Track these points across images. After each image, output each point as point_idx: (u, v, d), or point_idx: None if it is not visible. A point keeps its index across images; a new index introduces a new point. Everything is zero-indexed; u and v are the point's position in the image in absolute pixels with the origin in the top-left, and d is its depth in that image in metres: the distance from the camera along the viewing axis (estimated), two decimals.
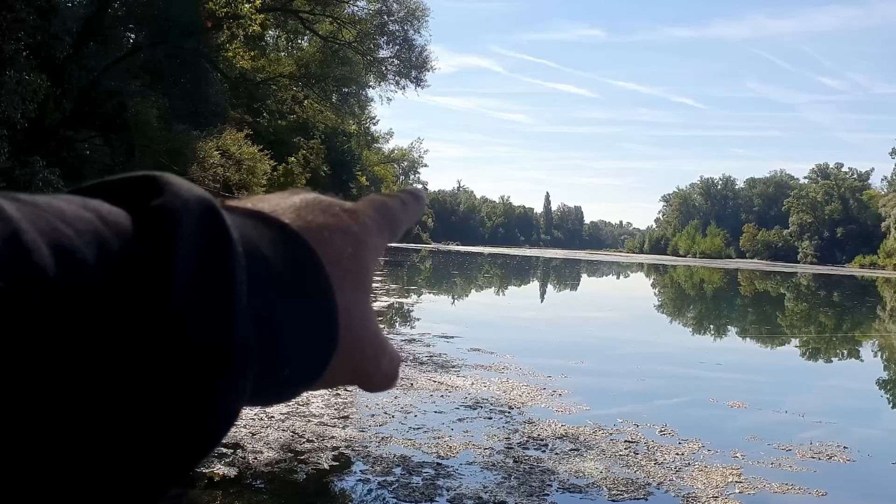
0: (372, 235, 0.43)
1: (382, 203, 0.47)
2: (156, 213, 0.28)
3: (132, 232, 0.27)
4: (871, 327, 22.84)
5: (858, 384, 12.16)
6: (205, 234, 0.29)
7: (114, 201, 0.29)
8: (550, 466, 5.85)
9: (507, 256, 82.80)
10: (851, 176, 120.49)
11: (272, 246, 0.34)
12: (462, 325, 15.56)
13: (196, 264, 0.28)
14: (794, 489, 5.66)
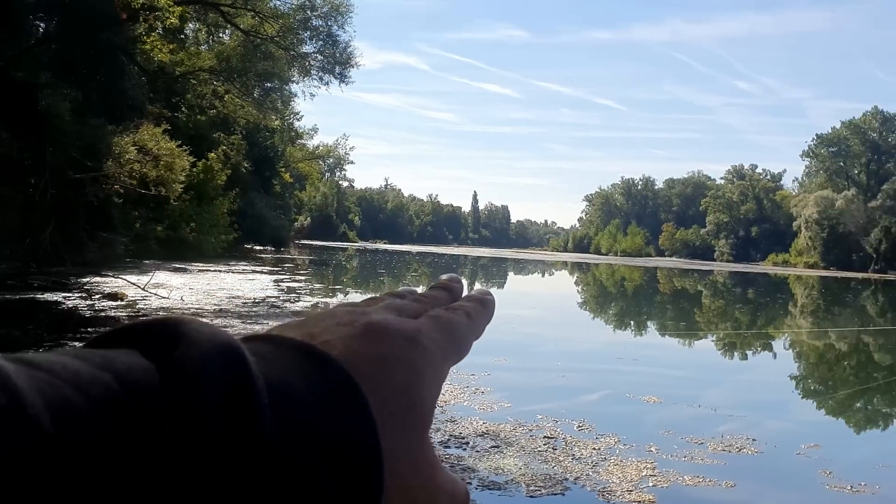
0: (434, 364, 0.37)
1: (448, 322, 0.41)
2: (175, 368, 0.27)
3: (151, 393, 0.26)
4: (783, 323, 23.80)
5: (769, 378, 12.63)
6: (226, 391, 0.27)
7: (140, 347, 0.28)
8: (471, 464, 5.85)
9: (435, 255, 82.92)
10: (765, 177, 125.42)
11: (310, 387, 0.30)
12: None
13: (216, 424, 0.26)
14: (705, 481, 5.82)
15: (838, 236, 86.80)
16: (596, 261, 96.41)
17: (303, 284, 24.57)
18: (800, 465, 6.56)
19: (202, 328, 0.28)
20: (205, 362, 0.27)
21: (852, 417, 9.43)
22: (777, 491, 5.88)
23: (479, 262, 68.91)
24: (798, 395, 11.12)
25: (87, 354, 0.26)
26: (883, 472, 6.41)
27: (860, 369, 14.05)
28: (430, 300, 0.45)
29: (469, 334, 0.43)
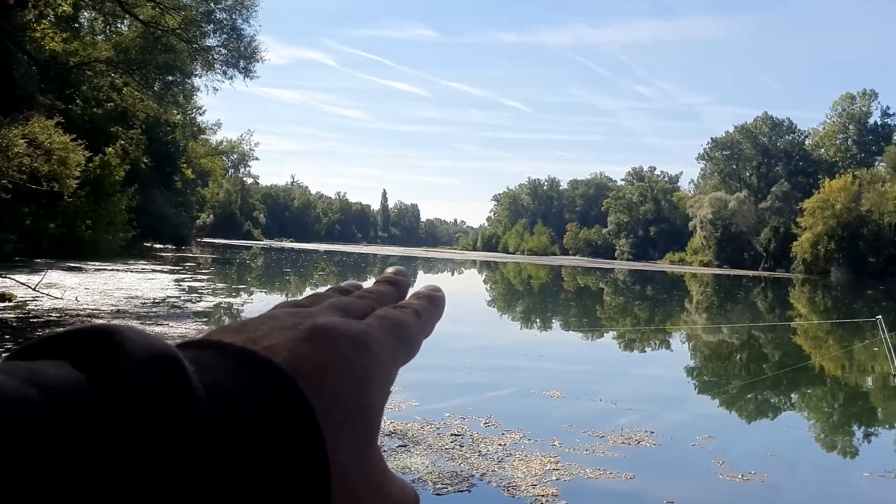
0: (383, 368, 0.36)
1: (396, 322, 0.39)
2: (108, 380, 0.25)
3: (82, 408, 0.24)
4: (680, 319, 24.79)
5: (667, 372, 13.12)
6: (163, 404, 0.25)
7: (70, 357, 0.26)
8: None
9: (343, 254, 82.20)
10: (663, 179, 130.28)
11: (253, 396, 0.29)
12: None
13: (153, 439, 0.25)
14: (606, 474, 5.99)
15: (731, 236, 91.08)
16: (504, 259, 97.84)
17: (205, 284, 23.90)
18: (695, 455, 6.84)
19: (137, 336, 0.27)
20: (140, 373, 0.26)
21: (744, 409, 9.91)
22: (674, 481, 6.11)
23: (389, 261, 68.74)
24: (694, 389, 11.60)
25: (9, 367, 0.25)
26: (771, 461, 6.75)
27: (751, 363, 14.78)
28: (377, 296, 0.43)
29: (419, 334, 0.41)
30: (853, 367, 14.13)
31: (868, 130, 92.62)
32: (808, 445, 7.89)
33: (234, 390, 0.28)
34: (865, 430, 8.98)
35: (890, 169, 75.21)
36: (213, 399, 0.27)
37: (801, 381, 12.26)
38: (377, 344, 0.36)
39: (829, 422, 9.38)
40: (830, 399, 11.08)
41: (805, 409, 10.30)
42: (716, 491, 5.86)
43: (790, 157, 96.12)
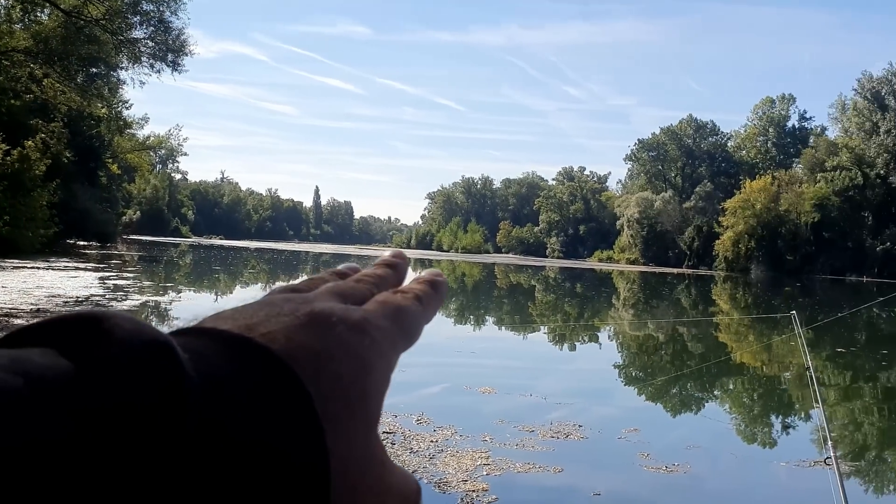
0: (383, 356, 0.34)
1: (396, 308, 0.38)
2: (97, 369, 0.24)
3: (69, 398, 0.23)
4: (608, 315, 25.34)
5: (595, 367, 13.43)
6: (154, 393, 0.24)
7: (56, 345, 0.25)
8: None
9: (275, 251, 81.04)
10: (592, 179, 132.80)
11: (248, 385, 0.28)
12: None
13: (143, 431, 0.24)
14: (535, 467, 6.10)
15: (656, 234, 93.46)
16: (438, 257, 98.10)
17: (131, 282, 23.25)
18: (621, 448, 7.03)
19: (127, 323, 0.26)
20: (130, 363, 0.25)
21: (668, 402, 10.22)
22: (601, 474, 6.27)
23: (321, 259, 68.13)
24: (620, 383, 11.89)
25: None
26: (693, 453, 6.99)
27: (675, 357, 15.24)
28: (375, 280, 0.42)
29: (420, 320, 0.40)
30: (771, 361, 14.72)
31: (786, 133, 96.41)
32: (728, 437, 8.20)
33: (230, 379, 0.28)
34: (783, 422, 9.38)
35: (806, 170, 78.46)
36: (207, 388, 0.26)
37: (723, 374, 12.71)
38: (377, 330, 0.35)
39: (749, 414, 9.76)
40: (749, 392, 11.53)
41: (726, 401, 10.69)
42: (641, 482, 6.04)
43: (713, 158, 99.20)
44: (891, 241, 68.37)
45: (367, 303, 0.38)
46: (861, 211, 72.27)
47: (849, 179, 72.24)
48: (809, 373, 4.54)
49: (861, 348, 17.39)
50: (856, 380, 12.88)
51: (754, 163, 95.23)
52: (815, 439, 8.15)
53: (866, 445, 8.15)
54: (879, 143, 75.87)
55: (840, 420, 9.28)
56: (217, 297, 23.27)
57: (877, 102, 78.18)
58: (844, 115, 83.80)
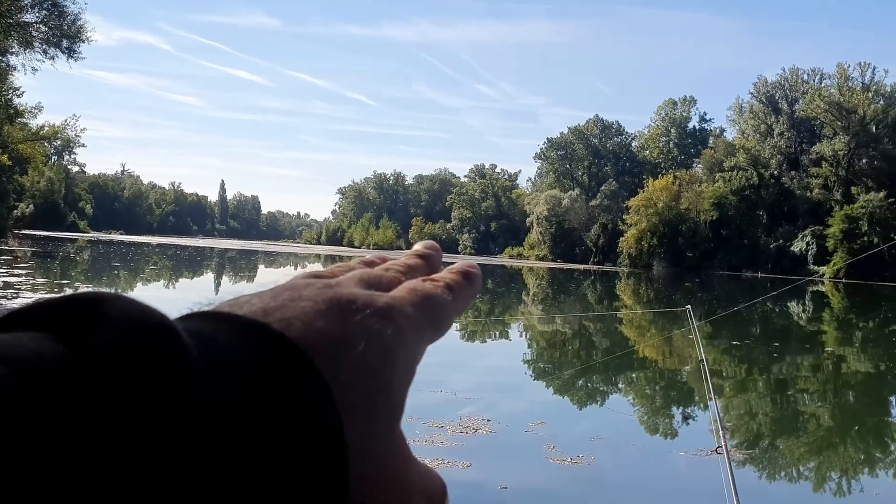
0: (407, 345, 0.32)
1: (426, 296, 0.35)
2: (93, 356, 0.22)
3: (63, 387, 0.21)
4: (518, 311, 25.72)
5: (504, 362, 13.58)
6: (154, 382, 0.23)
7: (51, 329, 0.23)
8: None
9: (178, 247, 78.55)
10: (503, 176, 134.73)
11: (260, 373, 0.26)
12: None
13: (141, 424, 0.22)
14: (444, 463, 6.10)
15: (564, 232, 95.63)
16: (349, 253, 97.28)
17: (23, 279, 22.04)
18: (528, 441, 7.12)
19: (127, 305, 0.25)
20: (128, 348, 0.23)
21: (574, 395, 10.44)
22: (508, 467, 6.33)
23: (227, 255, 66.49)
24: (529, 377, 12.08)
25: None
26: (597, 444, 7.16)
27: (581, 350, 15.60)
28: (405, 270, 0.40)
29: (450, 311, 0.37)
30: (672, 355, 15.26)
31: (687, 134, 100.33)
32: (630, 428, 8.43)
33: (240, 365, 0.26)
34: (681, 413, 9.72)
35: (706, 170, 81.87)
36: (213, 375, 0.25)
37: (626, 367, 13.08)
38: (403, 318, 0.33)
39: (650, 406, 10.07)
40: (651, 384, 11.91)
41: (628, 394, 11.00)
42: (547, 475, 6.13)
43: (618, 157, 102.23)
44: (783, 239, 72.16)
45: (395, 289, 0.35)
46: (756, 210, 75.98)
47: (745, 179, 75.82)
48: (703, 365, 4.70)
49: (754, 341, 18.25)
50: (749, 371, 13.50)
51: (657, 162, 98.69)
52: (711, 430, 8.48)
53: (759, 434, 8.54)
54: (773, 145, 79.95)
55: (735, 410, 9.70)
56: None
57: (771, 106, 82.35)
58: (741, 117, 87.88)
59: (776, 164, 78.49)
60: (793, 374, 13.42)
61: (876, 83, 74.70)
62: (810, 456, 7.69)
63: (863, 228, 63.69)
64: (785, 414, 9.94)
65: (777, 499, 6.14)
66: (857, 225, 63.95)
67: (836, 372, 14.09)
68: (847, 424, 9.42)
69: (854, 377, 13.50)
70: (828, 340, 20.37)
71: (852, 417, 9.94)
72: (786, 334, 21.25)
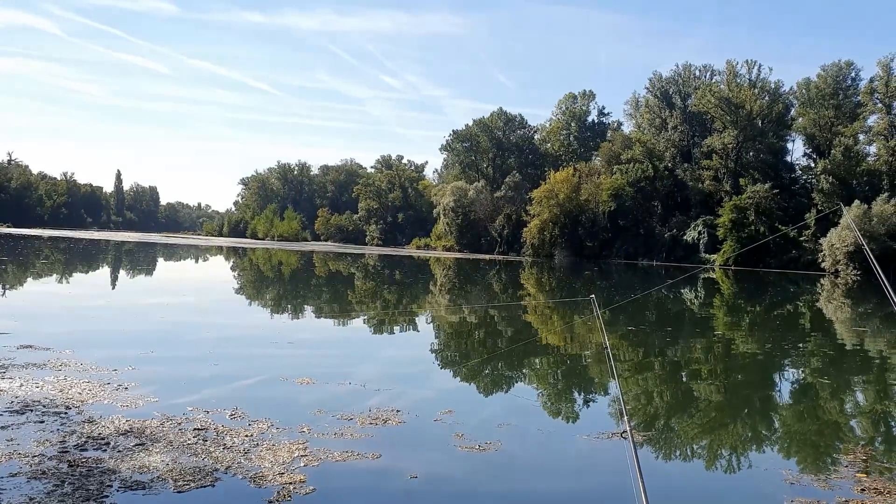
0: None
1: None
2: None
3: None
4: (425, 301, 25.85)
5: (413, 352, 13.65)
6: None
7: None
8: (112, 466, 5.44)
9: (71, 240, 74.92)
10: (410, 167, 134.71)
11: None
12: (13, 320, 13.68)
13: None
14: (354, 455, 6.12)
15: (470, 222, 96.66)
16: (253, 245, 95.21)
17: None
18: (437, 430, 7.21)
19: None
20: None
21: (480, 383, 10.62)
22: (418, 456, 6.40)
23: (124, 248, 63.89)
24: (437, 366, 12.18)
25: None
26: (504, 431, 7.32)
27: (488, 339, 15.85)
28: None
29: None
30: (574, 341, 15.72)
31: (587, 127, 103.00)
32: (536, 413, 8.66)
33: None
34: (584, 397, 10.05)
35: (604, 162, 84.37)
36: None
37: (531, 354, 13.39)
38: None
39: (554, 391, 10.36)
40: (555, 370, 12.24)
41: (533, 380, 11.27)
42: (456, 462, 6.24)
43: (521, 150, 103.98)
44: (677, 228, 75.18)
45: None
46: (651, 200, 78.85)
47: (641, 171, 78.51)
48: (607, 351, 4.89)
49: (650, 326, 19.01)
50: (646, 355, 14.06)
51: (558, 155, 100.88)
52: (612, 412, 8.82)
53: (656, 415, 8.93)
54: (668, 139, 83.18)
55: (633, 393, 10.10)
56: (4, 291, 21.14)
57: (665, 101, 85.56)
58: (638, 111, 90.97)
59: (670, 156, 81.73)
60: (686, 357, 14.07)
61: (762, 80, 78.78)
62: (704, 434, 8.11)
63: (750, 218, 67.18)
64: (680, 395, 10.42)
65: (675, 476, 6.45)
66: (745, 215, 67.39)
67: (726, 354, 14.87)
68: (737, 403, 9.97)
69: (742, 358, 14.28)
70: (718, 324, 21.44)
71: (742, 397, 10.54)
72: (679, 319, 22.23)
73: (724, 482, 6.45)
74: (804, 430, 8.56)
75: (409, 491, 5.46)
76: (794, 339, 18.24)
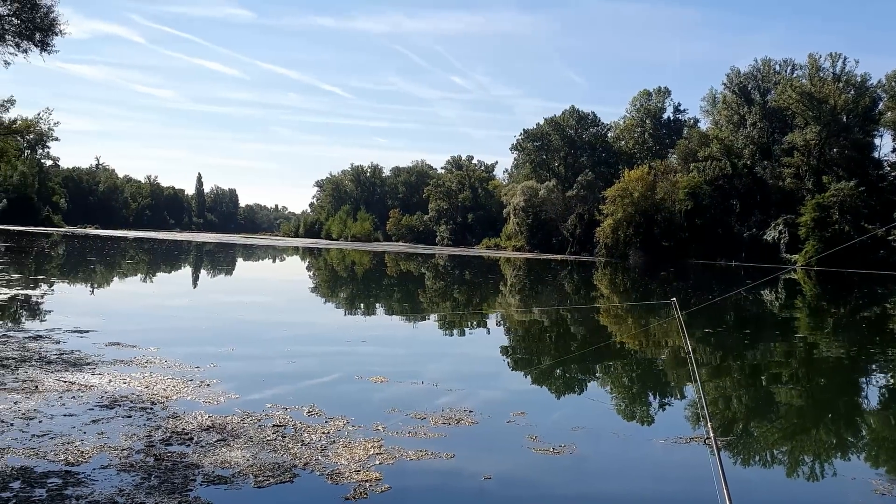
0: None
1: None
2: None
3: None
4: (495, 301, 25.81)
5: (484, 352, 13.66)
6: None
7: None
8: (195, 460, 5.62)
9: (155, 241, 77.79)
10: (480, 168, 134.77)
11: None
12: (101, 318, 14.27)
13: None
14: (427, 454, 6.16)
15: (541, 222, 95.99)
16: (327, 245, 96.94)
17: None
18: (510, 431, 7.19)
19: None
20: None
21: (553, 385, 10.53)
22: (491, 457, 6.40)
23: (205, 248, 65.96)
24: (508, 367, 12.15)
25: None
26: (578, 433, 7.24)
27: (559, 341, 15.72)
28: None
29: None
30: (650, 344, 15.43)
31: (662, 125, 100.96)
32: (611, 416, 8.54)
33: None
34: (661, 401, 9.85)
35: (680, 160, 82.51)
36: None
37: (604, 357, 13.21)
38: None
39: (630, 394, 10.20)
40: (629, 373, 12.04)
41: (608, 383, 11.12)
42: (530, 464, 6.21)
43: (594, 148, 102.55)
44: (756, 228, 72.94)
45: None
46: (729, 199, 76.71)
47: (719, 169, 76.47)
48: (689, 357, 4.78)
49: (728, 328, 18.50)
50: (726, 358, 13.69)
51: (632, 153, 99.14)
52: (689, 416, 8.62)
53: (735, 420, 8.69)
54: (746, 135, 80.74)
55: (712, 396, 9.85)
56: (92, 290, 22.12)
57: (744, 97, 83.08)
58: (715, 108, 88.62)
59: (749, 153, 79.31)
60: (767, 361, 13.64)
61: (847, 73, 75.66)
62: (786, 440, 7.85)
63: (834, 217, 64.59)
64: (760, 399, 10.11)
65: (756, 483, 6.27)
66: (829, 213, 64.84)
67: (809, 357, 14.34)
68: (821, 408, 9.61)
69: (826, 362, 13.75)
70: (800, 327, 20.70)
71: (826, 402, 10.15)
72: (759, 321, 21.56)
73: (809, 490, 6.23)
74: (894, 437, 8.18)
75: (484, 491, 5.47)
76: (882, 343, 17.46)
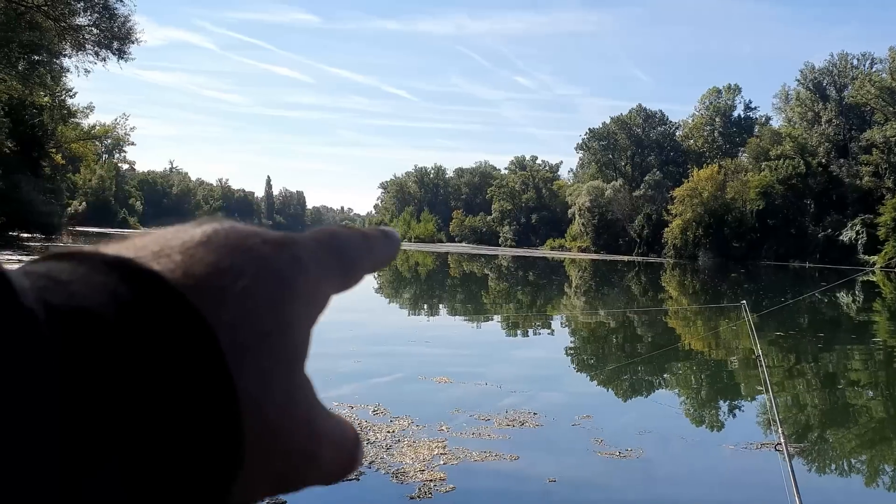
0: (306, 275, 0.28)
1: (331, 233, 0.32)
2: None
3: None
4: (560, 303, 25.61)
5: (548, 354, 13.58)
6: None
7: None
8: None
9: None
10: (544, 168, 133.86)
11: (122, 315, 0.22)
12: None
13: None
14: (491, 456, 6.16)
15: (607, 223, 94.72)
16: None
17: None
18: (575, 434, 7.14)
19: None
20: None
21: (619, 388, 10.40)
22: (556, 460, 6.36)
23: None
24: (573, 370, 12.06)
25: None
26: (645, 438, 7.14)
27: (626, 344, 15.50)
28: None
29: (362, 254, 0.34)
30: (719, 348, 15.08)
31: (732, 123, 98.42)
32: (678, 421, 8.39)
33: (96, 310, 0.22)
34: (730, 406, 9.63)
35: (751, 159, 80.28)
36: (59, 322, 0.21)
37: (672, 360, 12.97)
38: (302, 248, 0.29)
39: (697, 398, 9.99)
40: (698, 377, 11.80)
41: (675, 387, 10.92)
42: (595, 468, 6.15)
43: (662, 147, 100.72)
44: (832, 228, 70.47)
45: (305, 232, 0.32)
46: (803, 199, 74.27)
47: (792, 168, 74.12)
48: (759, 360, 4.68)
49: (802, 332, 17.93)
50: (798, 362, 13.28)
51: (701, 152, 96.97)
52: (760, 422, 8.39)
53: (808, 426, 8.42)
54: (821, 133, 78.03)
55: (784, 401, 9.57)
56: None
57: (818, 93, 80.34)
58: (788, 105, 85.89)
59: (824, 151, 76.59)
60: (842, 365, 13.17)
61: None
62: (863, 448, 7.57)
63: None
64: (835, 405, 9.78)
65: (831, 492, 6.07)
66: None
67: (888, 362, 13.78)
68: None
69: None
70: (879, 331, 19.90)
71: None
72: (834, 325, 20.82)
73: (886, 502, 6.00)
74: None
75: (548, 493, 5.44)
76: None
